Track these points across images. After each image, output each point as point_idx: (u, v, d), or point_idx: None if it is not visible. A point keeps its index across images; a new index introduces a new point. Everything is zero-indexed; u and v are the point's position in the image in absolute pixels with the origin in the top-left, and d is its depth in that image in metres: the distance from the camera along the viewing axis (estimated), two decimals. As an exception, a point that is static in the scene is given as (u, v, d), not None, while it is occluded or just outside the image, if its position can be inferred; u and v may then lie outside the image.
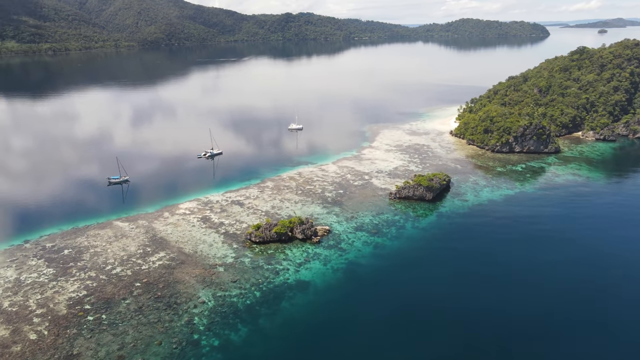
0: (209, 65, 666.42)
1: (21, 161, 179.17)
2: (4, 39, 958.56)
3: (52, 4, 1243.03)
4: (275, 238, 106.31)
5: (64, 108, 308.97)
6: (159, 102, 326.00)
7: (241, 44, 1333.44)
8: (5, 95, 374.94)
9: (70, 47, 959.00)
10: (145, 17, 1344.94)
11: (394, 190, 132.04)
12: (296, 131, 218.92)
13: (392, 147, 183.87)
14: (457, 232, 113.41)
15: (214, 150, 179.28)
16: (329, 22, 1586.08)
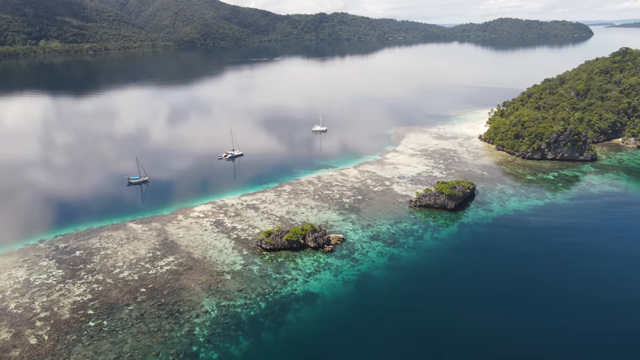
0: (241, 65, 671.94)
1: (48, 158, 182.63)
2: (48, 39, 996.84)
3: (94, 6, 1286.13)
4: (286, 245, 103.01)
5: (97, 106, 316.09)
6: (188, 102, 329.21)
7: (275, 43, 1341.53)
8: (45, 93, 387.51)
9: (110, 47, 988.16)
10: (182, 18, 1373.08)
11: (414, 198, 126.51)
12: (320, 133, 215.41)
13: (417, 152, 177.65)
14: (480, 244, 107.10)
15: (235, 152, 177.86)
16: (362, 22, 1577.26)
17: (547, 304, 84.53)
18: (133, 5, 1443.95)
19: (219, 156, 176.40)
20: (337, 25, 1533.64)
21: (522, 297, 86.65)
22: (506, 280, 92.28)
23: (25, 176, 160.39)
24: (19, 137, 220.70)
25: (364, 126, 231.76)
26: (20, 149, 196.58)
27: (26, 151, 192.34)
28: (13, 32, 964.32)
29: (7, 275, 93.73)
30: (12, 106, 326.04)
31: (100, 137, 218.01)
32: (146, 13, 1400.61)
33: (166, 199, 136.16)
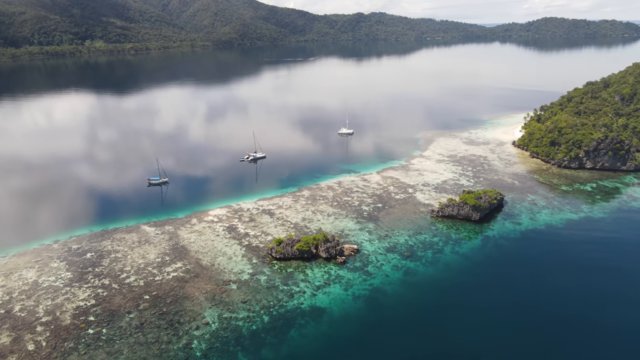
0: (275, 65, 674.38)
1: (76, 156, 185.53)
2: (93, 39, 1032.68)
3: (137, 7, 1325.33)
4: (297, 255, 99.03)
5: (131, 106, 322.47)
6: (218, 102, 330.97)
7: (311, 43, 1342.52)
8: (86, 91, 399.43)
9: (151, 47, 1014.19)
10: (221, 18, 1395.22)
11: (436, 208, 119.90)
12: (346, 136, 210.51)
13: (445, 158, 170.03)
14: (505, 260, 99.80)
15: (257, 154, 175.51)
16: (400, 21, 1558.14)
17: (578, 329, 77.08)
18: (175, 6, 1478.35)
19: (240, 158, 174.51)
20: (374, 25, 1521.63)
21: (551, 321, 79.26)
22: (533, 302, 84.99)
23: (51, 174, 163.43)
24: (52, 134, 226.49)
25: (393, 129, 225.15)
26: (51, 145, 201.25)
27: (56, 148, 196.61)
28: (61, 32, 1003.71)
29: (18, 276, 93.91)
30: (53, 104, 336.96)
31: (129, 136, 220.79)
32: (187, 13, 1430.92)
33: (183, 201, 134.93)
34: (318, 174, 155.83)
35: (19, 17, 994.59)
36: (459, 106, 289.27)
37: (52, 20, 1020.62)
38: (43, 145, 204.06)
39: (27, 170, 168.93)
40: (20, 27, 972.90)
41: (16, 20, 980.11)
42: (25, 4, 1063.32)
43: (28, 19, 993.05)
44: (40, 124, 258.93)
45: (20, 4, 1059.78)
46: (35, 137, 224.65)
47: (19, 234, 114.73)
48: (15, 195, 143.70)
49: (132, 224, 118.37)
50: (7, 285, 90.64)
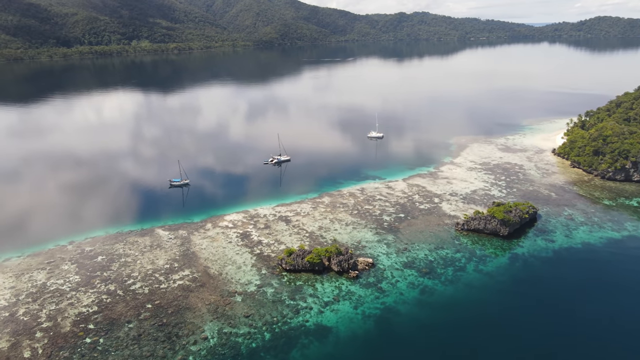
0: (313, 65, 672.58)
1: (104, 155, 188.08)
2: (139, 39, 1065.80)
3: (183, 7, 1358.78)
4: (307, 267, 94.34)
5: (165, 105, 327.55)
6: (252, 102, 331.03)
7: (351, 44, 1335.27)
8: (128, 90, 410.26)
9: (193, 47, 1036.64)
10: (263, 18, 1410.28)
11: (462, 221, 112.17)
12: (376, 140, 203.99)
13: (477, 165, 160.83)
14: (533, 283, 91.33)
15: (282, 157, 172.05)
16: (443, 21, 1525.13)
17: (607, 371, 68.63)
18: (218, 6, 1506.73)
19: (264, 161, 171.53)
20: (416, 25, 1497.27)
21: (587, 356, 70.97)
22: (566, 331, 76.70)
23: (78, 172, 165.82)
24: (88, 133, 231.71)
25: (425, 133, 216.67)
26: (84, 143, 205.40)
27: (88, 146, 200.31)
28: (109, 32, 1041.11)
29: (28, 278, 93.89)
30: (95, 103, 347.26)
31: (159, 136, 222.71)
32: (230, 14, 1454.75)
33: (201, 204, 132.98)
34: (341, 180, 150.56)
35: (72, 18, 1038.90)
36: (498, 110, 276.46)
37: (102, 21, 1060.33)
38: (76, 143, 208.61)
39: (56, 167, 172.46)
40: (73, 28, 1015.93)
41: (69, 21, 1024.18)
42: (77, 6, 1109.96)
43: (80, 20, 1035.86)
44: (80, 121, 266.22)
45: (73, 5, 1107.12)
46: (72, 134, 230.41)
47: (38, 233, 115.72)
48: (41, 193, 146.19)
49: (147, 227, 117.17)
50: (17, 287, 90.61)
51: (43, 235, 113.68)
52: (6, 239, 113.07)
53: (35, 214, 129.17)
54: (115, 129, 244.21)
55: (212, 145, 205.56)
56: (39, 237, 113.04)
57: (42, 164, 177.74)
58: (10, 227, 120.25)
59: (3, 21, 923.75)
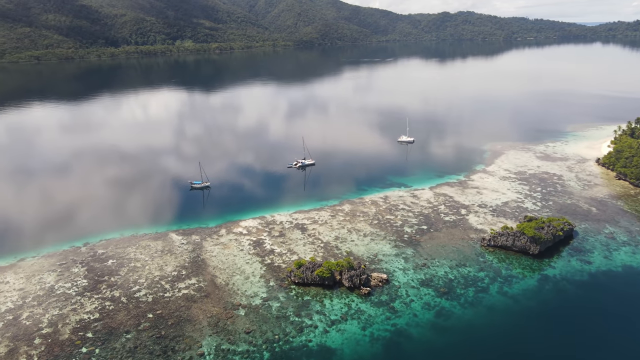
0: (352, 65, 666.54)
1: (132, 154, 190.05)
2: (183, 39, 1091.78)
3: (226, 8, 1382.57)
4: (317, 281, 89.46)
5: (201, 104, 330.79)
6: (285, 103, 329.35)
7: (392, 44, 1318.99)
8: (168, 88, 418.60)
9: (234, 47, 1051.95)
10: (304, 18, 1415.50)
11: (488, 236, 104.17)
12: (406, 144, 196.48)
13: (511, 175, 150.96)
14: (564, 310, 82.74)
15: (306, 161, 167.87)
16: (489, 21, 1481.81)
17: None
18: (261, 7, 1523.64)
19: (288, 164, 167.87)
20: (460, 24, 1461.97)
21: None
22: (589, 369, 68.55)
23: (104, 172, 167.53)
24: (120, 131, 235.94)
25: (459, 138, 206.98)
26: (112, 141, 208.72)
27: (115, 145, 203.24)
28: (155, 32, 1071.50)
29: (38, 280, 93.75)
30: (132, 101, 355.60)
31: (188, 135, 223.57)
32: (272, 14, 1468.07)
33: (218, 209, 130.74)
34: (365, 186, 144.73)
35: (120, 19, 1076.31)
36: (540, 114, 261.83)
37: (149, 21, 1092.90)
38: (109, 141, 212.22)
39: (84, 165, 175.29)
40: (121, 29, 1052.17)
41: (117, 22, 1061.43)
42: (126, 7, 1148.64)
43: (128, 21, 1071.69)
44: (117, 120, 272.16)
45: (122, 7, 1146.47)
46: (107, 132, 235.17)
47: (56, 232, 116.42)
48: (66, 191, 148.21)
49: (162, 231, 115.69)
50: (25, 289, 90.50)
51: (60, 236, 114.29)
52: (28, 237, 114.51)
53: (58, 212, 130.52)
54: (149, 128, 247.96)
55: (238, 146, 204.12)
56: (57, 237, 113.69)
57: (70, 161, 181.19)
58: (35, 225, 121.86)
59: (57, 22, 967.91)
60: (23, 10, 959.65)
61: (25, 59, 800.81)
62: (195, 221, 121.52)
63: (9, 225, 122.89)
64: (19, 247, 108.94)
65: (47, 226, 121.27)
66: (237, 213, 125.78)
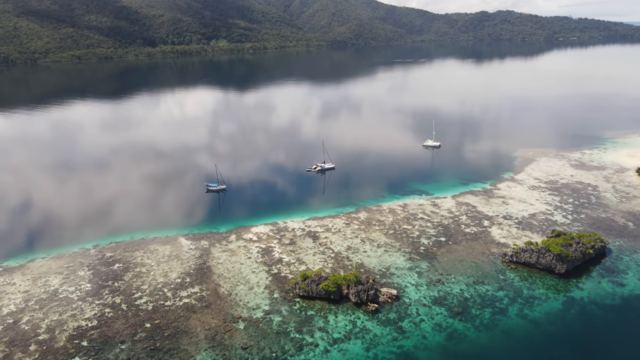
0: (384, 66, 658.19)
1: (154, 153, 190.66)
2: (218, 39, 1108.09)
3: (261, 8, 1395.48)
4: (322, 295, 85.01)
5: (227, 103, 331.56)
6: (312, 103, 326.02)
7: (428, 44, 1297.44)
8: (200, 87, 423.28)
9: (268, 47, 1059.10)
10: (338, 18, 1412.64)
11: (510, 251, 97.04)
12: (432, 149, 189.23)
13: (542, 184, 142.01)
14: (591, 339, 75.23)
15: (326, 165, 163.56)
16: (529, 20, 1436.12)
17: None
18: (296, 7, 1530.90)
19: (307, 168, 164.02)
20: (499, 24, 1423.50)
21: None
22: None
23: (126, 172, 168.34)
24: (147, 130, 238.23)
25: (488, 143, 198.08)
26: (139, 140, 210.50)
27: (137, 144, 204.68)
28: (191, 32, 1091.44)
29: (43, 282, 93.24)
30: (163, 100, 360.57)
31: (211, 135, 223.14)
32: (306, 14, 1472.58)
33: (230, 213, 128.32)
34: (384, 193, 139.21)
35: (159, 19, 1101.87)
36: (579, 118, 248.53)
37: (185, 22, 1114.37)
38: (135, 139, 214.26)
39: (107, 163, 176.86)
40: (158, 29, 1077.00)
41: (155, 22, 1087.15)
42: (164, 7, 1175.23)
43: (165, 21, 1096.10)
44: (143, 119, 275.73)
45: (160, 7, 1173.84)
46: (132, 131, 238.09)
47: (69, 233, 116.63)
48: (82, 191, 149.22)
49: (172, 235, 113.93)
50: (30, 291, 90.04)
51: (72, 237, 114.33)
52: (41, 237, 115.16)
53: (74, 213, 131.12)
54: (174, 127, 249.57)
55: (260, 147, 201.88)
56: (69, 238, 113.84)
57: (91, 160, 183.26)
58: (50, 225, 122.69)
59: (98, 22, 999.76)
60: (67, 11, 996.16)
61: (67, 58, 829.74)
62: (207, 225, 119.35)
63: (26, 224, 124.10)
64: (31, 247, 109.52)
65: (61, 226, 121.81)
66: (249, 218, 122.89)
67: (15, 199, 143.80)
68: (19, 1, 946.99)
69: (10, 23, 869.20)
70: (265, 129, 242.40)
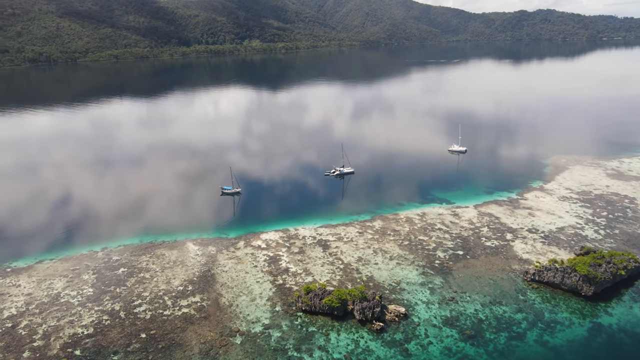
0: (416, 66, 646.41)
1: (173, 152, 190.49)
2: (251, 38, 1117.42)
3: (294, 8, 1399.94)
4: (325, 310, 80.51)
5: (252, 103, 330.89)
6: (334, 105, 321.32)
7: (463, 44, 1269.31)
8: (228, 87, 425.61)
9: (300, 46, 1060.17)
10: (372, 18, 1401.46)
11: (533, 269, 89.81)
12: (457, 154, 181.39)
13: (573, 195, 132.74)
14: (618, 370, 68.05)
15: (345, 169, 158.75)
16: (571, 19, 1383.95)
17: None
18: (329, 6, 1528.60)
19: (326, 172, 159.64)
20: (538, 23, 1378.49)
21: None
22: None
23: (141, 173, 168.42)
24: (168, 129, 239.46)
25: (518, 148, 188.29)
26: (163, 139, 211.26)
27: (157, 144, 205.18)
28: (225, 32, 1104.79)
29: (47, 285, 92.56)
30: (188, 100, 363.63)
31: (231, 136, 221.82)
32: (339, 14, 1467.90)
33: (242, 217, 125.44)
34: (402, 200, 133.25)
35: (194, 19, 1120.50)
36: (620, 122, 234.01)
37: (219, 22, 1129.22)
38: (154, 139, 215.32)
39: (128, 162, 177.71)
40: (193, 29, 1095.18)
41: (191, 22, 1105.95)
42: (200, 8, 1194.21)
43: (200, 21, 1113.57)
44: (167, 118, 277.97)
45: (196, 8, 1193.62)
46: (158, 130, 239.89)
47: (80, 234, 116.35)
48: (100, 192, 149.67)
49: (181, 239, 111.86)
50: (33, 294, 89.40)
51: (83, 238, 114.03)
52: (52, 238, 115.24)
53: (87, 213, 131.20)
54: (197, 127, 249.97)
55: (280, 148, 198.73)
56: (79, 239, 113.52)
57: (111, 159, 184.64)
58: (63, 225, 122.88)
59: (136, 23, 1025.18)
60: (107, 12, 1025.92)
61: (105, 57, 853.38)
62: (216, 230, 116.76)
63: (39, 223, 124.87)
64: (41, 247, 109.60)
65: (73, 227, 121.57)
66: (260, 224, 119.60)
67: (32, 198, 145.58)
68: (62, 2, 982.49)
69: (54, 23, 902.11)
70: (288, 130, 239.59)
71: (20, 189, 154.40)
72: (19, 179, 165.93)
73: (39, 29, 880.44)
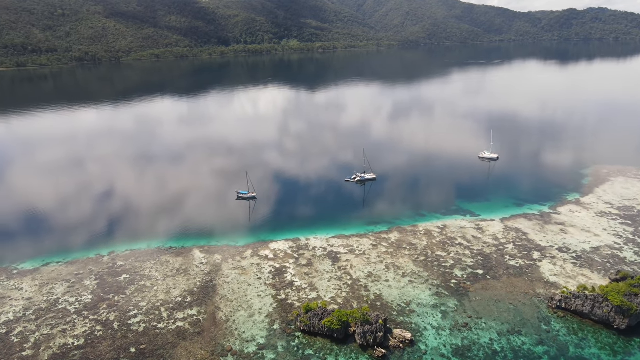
0: (455, 67, 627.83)
1: (195, 152, 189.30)
2: (289, 38, 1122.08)
3: (334, 8, 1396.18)
4: (325, 332, 74.92)
5: (279, 104, 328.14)
6: (363, 107, 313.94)
7: (506, 44, 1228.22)
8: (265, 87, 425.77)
9: (338, 46, 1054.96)
10: (412, 17, 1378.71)
11: (559, 296, 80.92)
12: (488, 161, 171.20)
13: (613, 210, 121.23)
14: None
15: (366, 175, 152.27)
16: (624, 18, 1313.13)
17: None
18: (369, 6, 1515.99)
19: (346, 178, 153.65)
20: (588, 22, 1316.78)
21: None
22: None
23: (160, 174, 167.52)
24: (191, 130, 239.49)
25: (556, 156, 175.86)
26: (186, 139, 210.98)
27: (178, 144, 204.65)
28: (263, 32, 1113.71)
29: (48, 290, 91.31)
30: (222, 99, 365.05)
31: (253, 138, 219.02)
32: (379, 13, 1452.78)
33: (253, 224, 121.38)
34: (423, 211, 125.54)
35: (233, 19, 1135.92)
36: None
37: (258, 21, 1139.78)
38: (179, 139, 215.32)
39: (147, 161, 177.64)
40: (233, 29, 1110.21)
41: (230, 22, 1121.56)
42: (240, 8, 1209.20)
43: (239, 21, 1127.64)
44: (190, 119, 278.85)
45: (236, 8, 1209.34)
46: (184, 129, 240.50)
47: (90, 237, 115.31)
48: (116, 194, 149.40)
49: (188, 245, 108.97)
50: (32, 299, 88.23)
51: (92, 241, 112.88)
52: (62, 240, 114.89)
53: (100, 216, 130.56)
54: (221, 128, 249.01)
55: (303, 152, 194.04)
56: (88, 242, 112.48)
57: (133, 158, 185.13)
58: (75, 227, 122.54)
59: (177, 23, 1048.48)
60: (151, 13, 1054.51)
61: (147, 56, 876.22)
62: (226, 237, 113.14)
63: (51, 225, 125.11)
64: (49, 249, 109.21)
65: (85, 230, 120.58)
66: (271, 232, 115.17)
67: (48, 198, 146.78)
68: (108, 3, 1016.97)
69: (100, 24, 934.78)
70: (316, 132, 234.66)
71: (35, 190, 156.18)
72: (35, 179, 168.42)
73: (86, 29, 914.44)
